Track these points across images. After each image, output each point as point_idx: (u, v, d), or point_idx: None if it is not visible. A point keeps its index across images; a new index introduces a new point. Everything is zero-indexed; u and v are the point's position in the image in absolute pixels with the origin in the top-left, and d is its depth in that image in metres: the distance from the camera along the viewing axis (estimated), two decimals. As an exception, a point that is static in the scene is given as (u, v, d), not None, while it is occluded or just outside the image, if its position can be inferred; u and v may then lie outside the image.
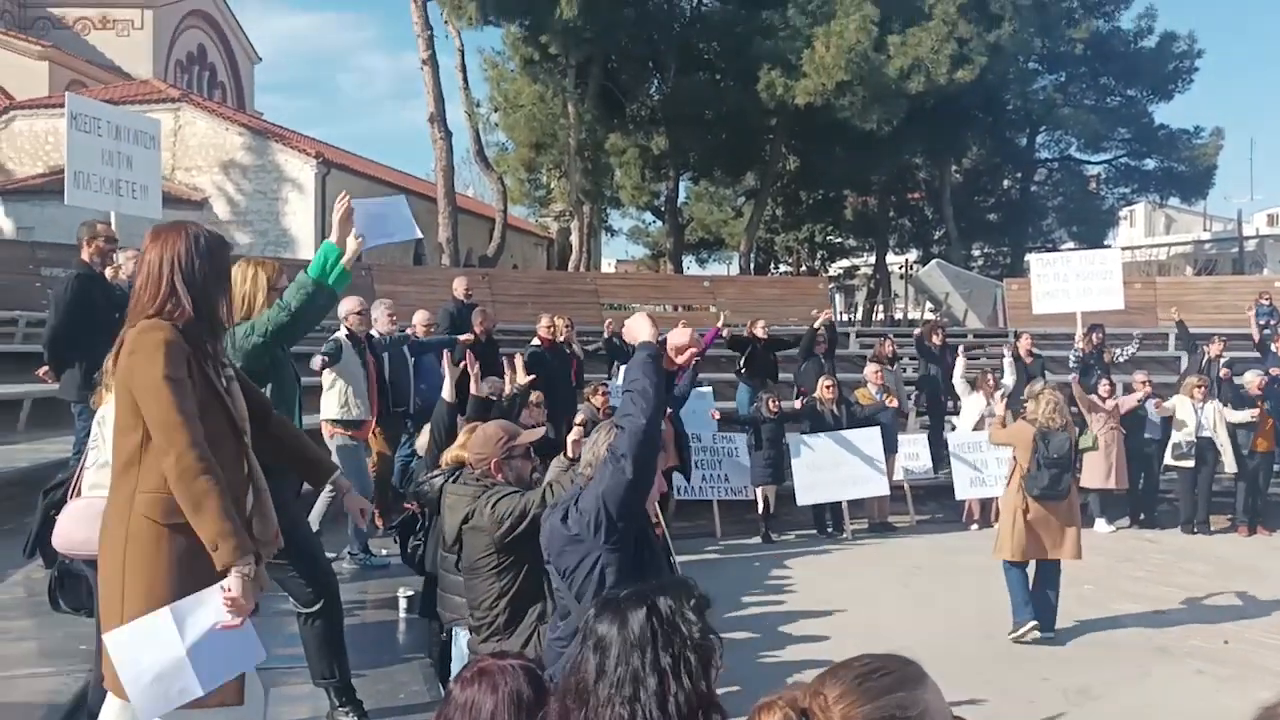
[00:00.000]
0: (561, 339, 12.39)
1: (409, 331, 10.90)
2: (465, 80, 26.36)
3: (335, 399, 8.34)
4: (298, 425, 4.52)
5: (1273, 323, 16.63)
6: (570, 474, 4.21)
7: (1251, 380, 12.87)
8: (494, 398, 6.90)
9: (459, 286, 12.58)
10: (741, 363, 13.92)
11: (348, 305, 8.66)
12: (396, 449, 10.01)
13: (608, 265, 44.24)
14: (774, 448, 12.16)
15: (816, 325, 14.02)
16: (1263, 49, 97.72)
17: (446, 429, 6.26)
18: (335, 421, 8.32)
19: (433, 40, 23.68)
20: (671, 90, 26.43)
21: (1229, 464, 12.42)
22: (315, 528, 8.71)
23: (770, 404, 12.26)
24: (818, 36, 22.66)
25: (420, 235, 6.06)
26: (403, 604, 7.16)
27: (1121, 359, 14.87)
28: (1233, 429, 12.49)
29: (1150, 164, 33.26)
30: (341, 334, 8.62)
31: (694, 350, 3.30)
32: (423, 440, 6.91)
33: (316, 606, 4.59)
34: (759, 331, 13.97)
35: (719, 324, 13.79)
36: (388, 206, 5.28)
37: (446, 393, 6.57)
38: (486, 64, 28.40)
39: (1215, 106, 72.10)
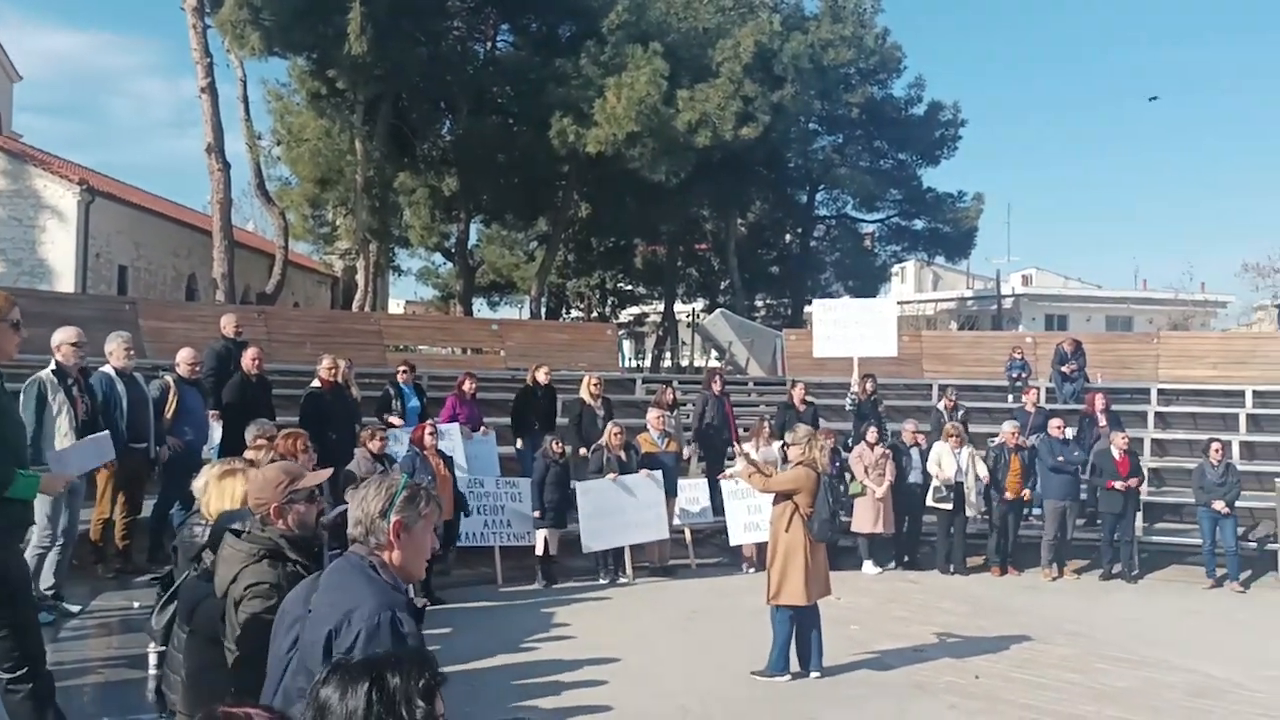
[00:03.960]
0: (342, 380, 12.02)
1: (176, 370, 10.37)
2: (247, 111, 25.50)
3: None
4: (27, 467, 4.27)
5: (1024, 375, 17.88)
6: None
7: (1007, 431, 13.71)
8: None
9: (227, 324, 12.02)
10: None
11: (62, 335, 8.09)
12: (139, 489, 9.49)
13: (396, 306, 43.41)
14: (557, 492, 12.10)
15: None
16: (1020, 122, 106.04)
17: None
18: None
19: (212, 68, 22.77)
20: (464, 132, 26.29)
21: (972, 509, 13.17)
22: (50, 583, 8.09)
23: (553, 447, 12.21)
24: (609, 87, 23.06)
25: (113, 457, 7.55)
26: (153, 659, 6.67)
27: (849, 408, 15.65)
28: (990, 474, 13.28)
29: (919, 224, 35.43)
30: (47, 370, 7.98)
31: None
32: (199, 484, 6.42)
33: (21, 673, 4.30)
34: (541, 377, 13.96)
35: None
36: (95, 443, 7.03)
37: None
38: (270, 95, 27.54)
39: (977, 173, 77.54)
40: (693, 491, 13.65)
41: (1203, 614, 11.41)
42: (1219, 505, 12.62)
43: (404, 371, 13.37)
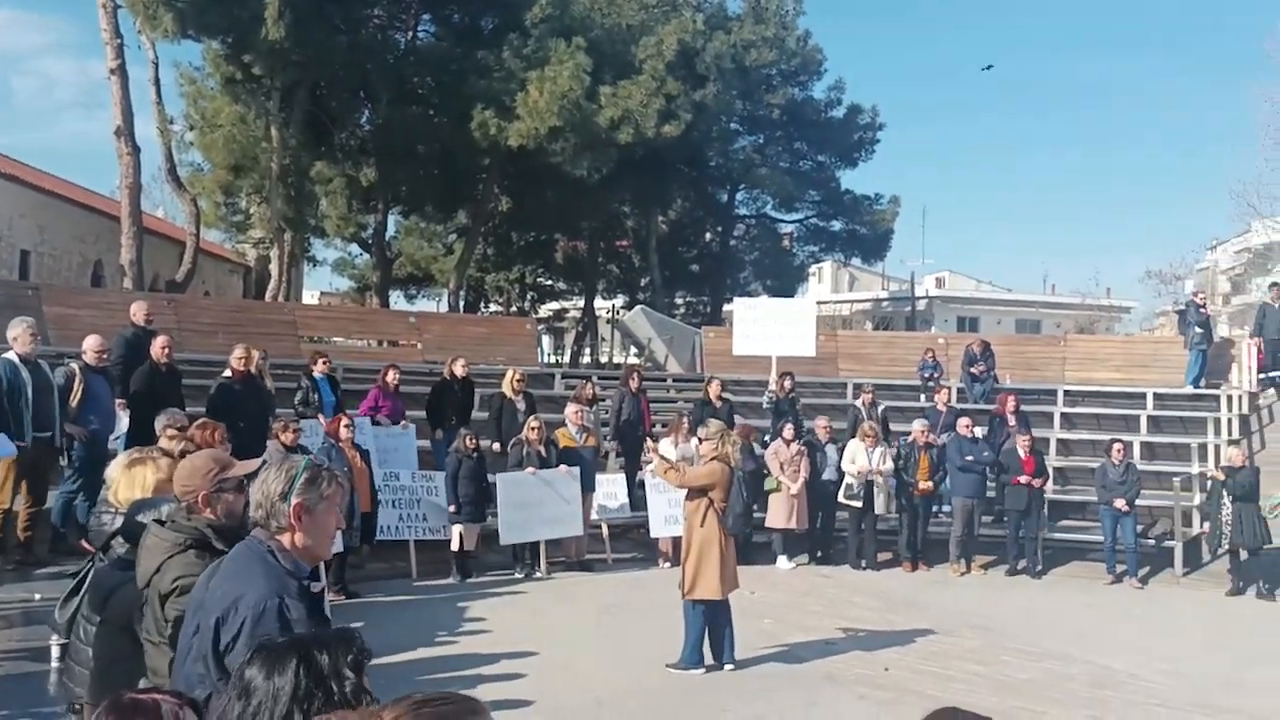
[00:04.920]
0: (255, 371, 11.80)
1: (82, 357, 10.09)
2: (159, 94, 24.78)
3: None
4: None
5: (936, 375, 18.26)
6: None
7: (917, 429, 14.00)
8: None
9: (138, 311, 11.71)
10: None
11: None
12: (43, 479, 9.24)
13: (310, 297, 42.65)
14: (472, 486, 12.04)
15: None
16: (935, 127, 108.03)
17: None
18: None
19: (122, 49, 22.07)
20: (383, 122, 25.91)
21: (880, 505, 13.42)
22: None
23: (467, 441, 12.14)
24: (532, 81, 22.94)
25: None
26: (55, 652, 6.51)
27: (766, 405, 15.88)
28: (900, 471, 13.54)
29: (837, 225, 35.86)
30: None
31: None
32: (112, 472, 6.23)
33: None
34: (458, 370, 13.88)
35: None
36: None
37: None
38: (183, 79, 26.76)
39: (893, 176, 78.86)
40: (610, 487, 13.71)
41: (1103, 608, 11.78)
42: (1120, 503, 13.03)
43: (320, 363, 13.14)
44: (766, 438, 14.48)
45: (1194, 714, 7.68)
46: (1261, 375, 17.44)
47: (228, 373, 11.58)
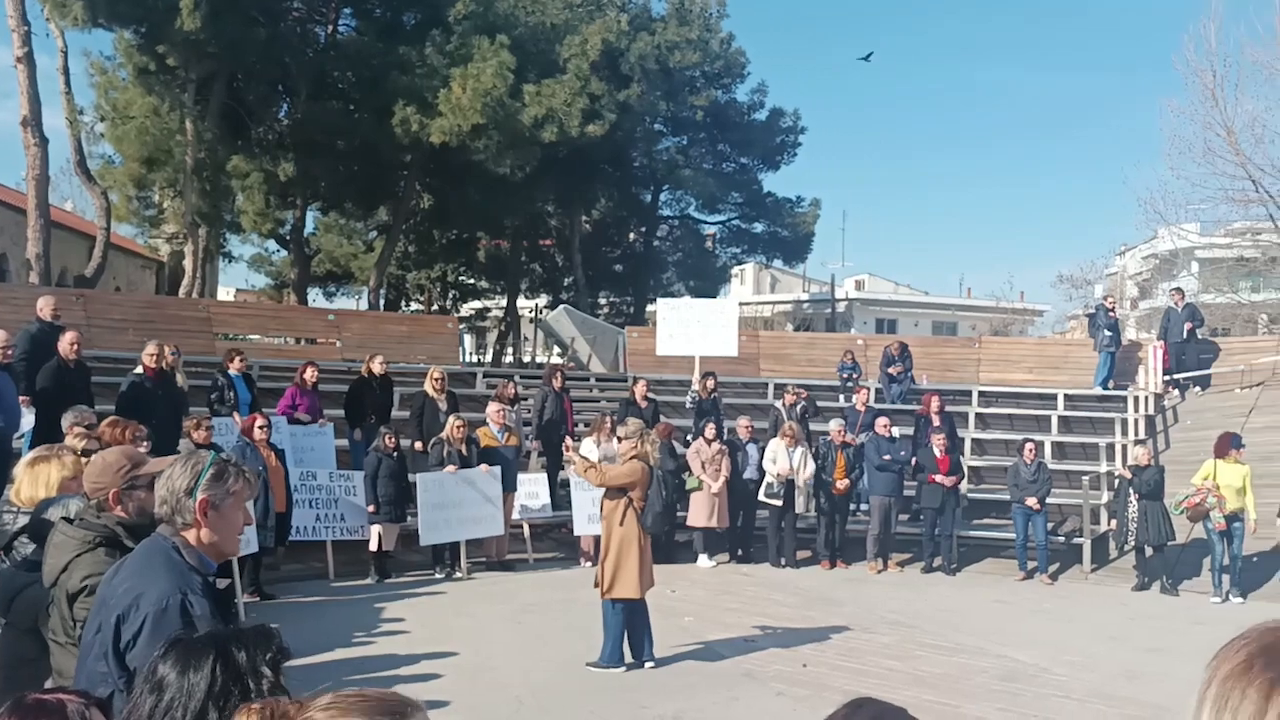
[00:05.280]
0: (168, 368, 11.54)
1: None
2: (68, 84, 24.06)
3: None
4: None
5: (855, 376, 18.52)
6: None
7: (834, 428, 14.18)
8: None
9: (44, 306, 11.38)
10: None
11: None
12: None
13: (226, 294, 41.78)
14: (392, 486, 11.91)
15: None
16: (856, 132, 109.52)
17: None
18: None
19: (30, 37, 21.39)
20: (302, 116, 25.46)
21: (800, 505, 13.58)
22: None
23: (387, 440, 12.01)
24: (455, 77, 22.76)
25: None
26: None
27: (689, 405, 16.00)
28: (820, 471, 13.70)
29: (759, 228, 36.17)
30: None
31: None
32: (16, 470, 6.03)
33: None
34: (376, 367, 13.73)
35: None
36: None
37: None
38: (94, 69, 26.00)
39: (815, 180, 79.75)
40: (532, 486, 13.66)
41: (1014, 604, 12.05)
42: (1031, 502, 13.35)
43: (236, 360, 12.88)
44: (689, 437, 14.55)
45: (1097, 704, 7.90)
46: (1166, 377, 18.00)
47: (139, 370, 11.31)
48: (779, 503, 13.53)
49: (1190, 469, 13.55)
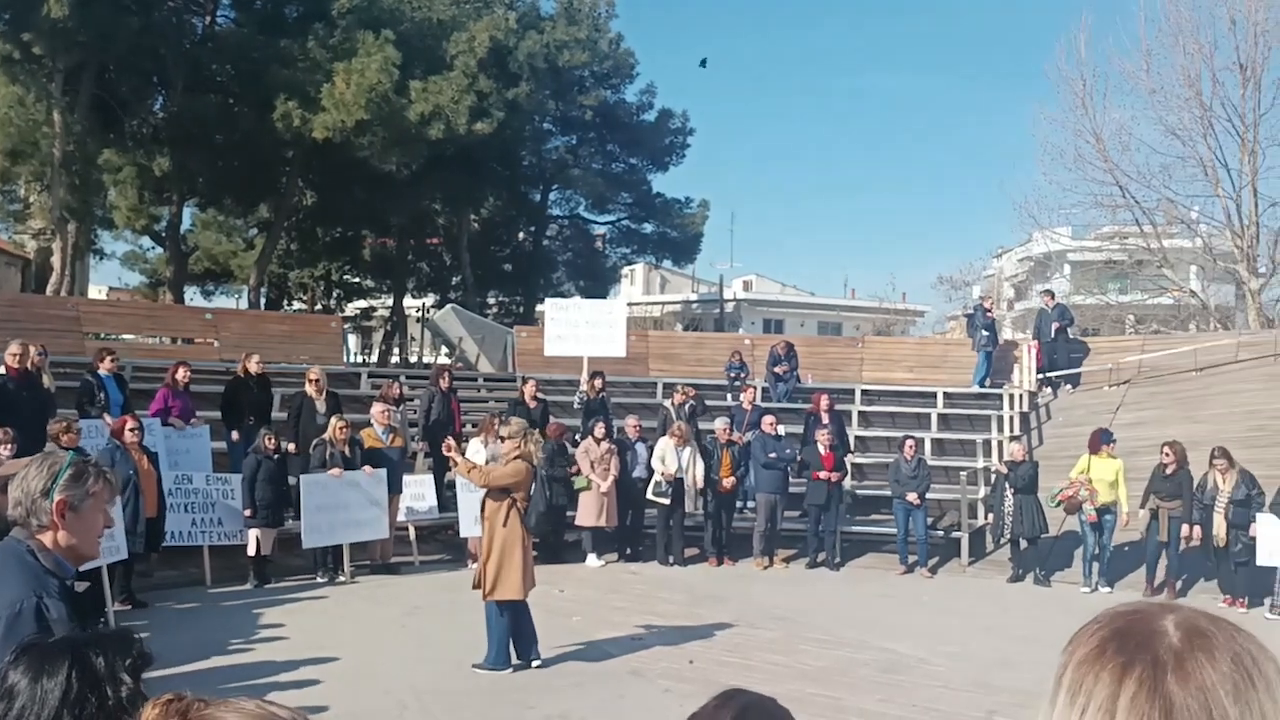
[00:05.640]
0: (33, 368, 11.05)
1: None
2: (-74, 72, 22.90)
3: None
4: None
5: (743, 375, 18.71)
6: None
7: (719, 427, 14.31)
8: None
9: (-104, 303, 10.78)
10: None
11: None
12: None
13: (98, 292, 40.22)
14: (270, 489, 11.60)
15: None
16: (744, 134, 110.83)
17: None
18: None
19: (-118, 21, 20.33)
20: (178, 109, 24.68)
21: (688, 503, 13.68)
22: None
23: (266, 442, 11.70)
24: (338, 72, 22.32)
25: None
26: None
27: (577, 405, 16.04)
28: (707, 470, 13.80)
29: (648, 228, 36.39)
30: None
31: None
32: None
33: None
34: (252, 366, 13.37)
35: None
36: None
37: None
38: (-47, 56, 24.84)
39: (703, 181, 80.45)
40: (418, 488, 13.45)
41: (895, 597, 12.32)
42: (911, 497, 13.66)
43: (106, 360, 12.36)
44: (577, 436, 14.52)
45: (973, 693, 8.12)
46: (1040, 375, 18.62)
47: (1, 370, 10.81)
48: (667, 501, 13.59)
49: (1062, 463, 14.04)
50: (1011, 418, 17.54)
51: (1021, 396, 18.16)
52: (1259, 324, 23.10)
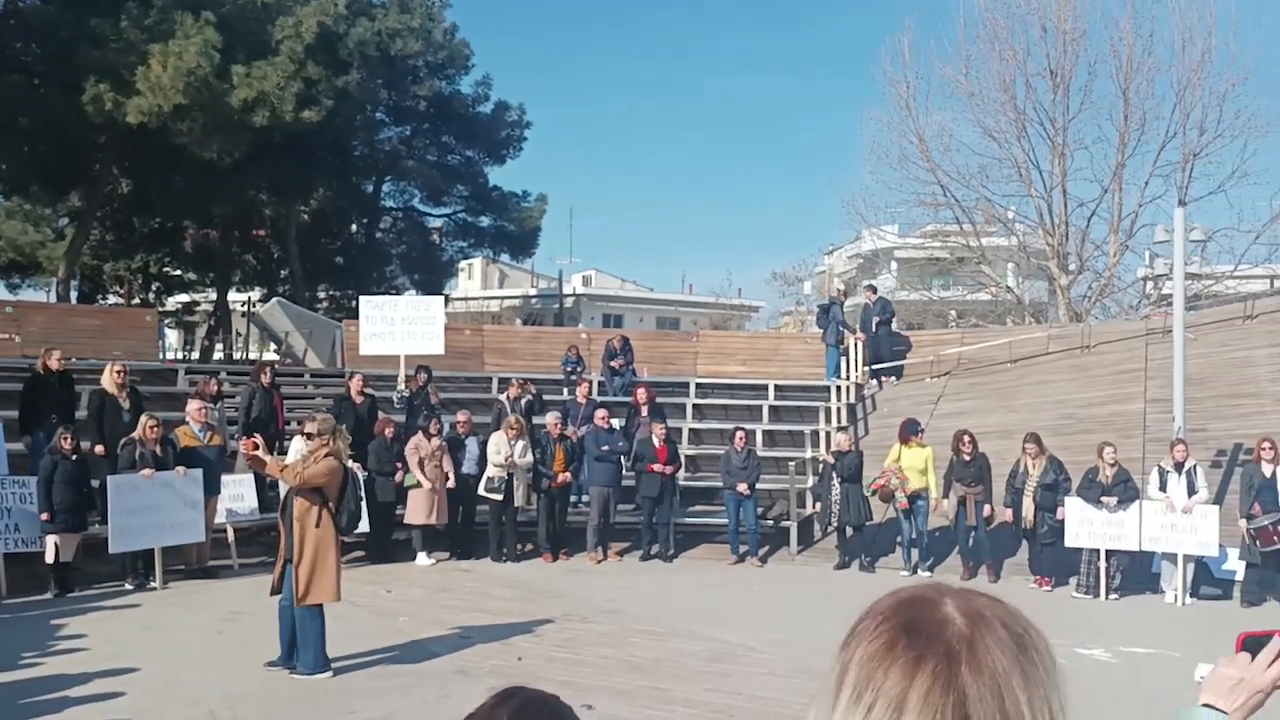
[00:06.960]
0: None
1: None
2: None
3: None
4: None
5: (579, 369, 18.66)
6: None
7: (550, 421, 14.21)
8: None
9: None
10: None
11: None
12: None
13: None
14: (70, 491, 10.92)
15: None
16: (583, 128, 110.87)
17: None
18: None
19: None
20: (-24, 90, 23.07)
21: (520, 498, 13.56)
22: None
23: (63, 441, 11.01)
24: (154, 54, 21.24)
25: None
26: None
27: (397, 404, 15.75)
28: (536, 464, 13.69)
29: (485, 221, 35.96)
30: None
31: None
32: None
33: None
34: (53, 363, 12.56)
35: None
36: None
37: None
38: None
39: (541, 175, 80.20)
40: (237, 488, 12.90)
41: (726, 587, 12.47)
42: (742, 488, 13.85)
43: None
44: (403, 433, 14.19)
45: (798, 679, 8.23)
46: (867, 367, 19.16)
47: None
48: (499, 497, 13.41)
49: (886, 453, 14.48)
50: (839, 409, 18.00)
51: (848, 388, 18.65)
52: (1068, 318, 24.34)
